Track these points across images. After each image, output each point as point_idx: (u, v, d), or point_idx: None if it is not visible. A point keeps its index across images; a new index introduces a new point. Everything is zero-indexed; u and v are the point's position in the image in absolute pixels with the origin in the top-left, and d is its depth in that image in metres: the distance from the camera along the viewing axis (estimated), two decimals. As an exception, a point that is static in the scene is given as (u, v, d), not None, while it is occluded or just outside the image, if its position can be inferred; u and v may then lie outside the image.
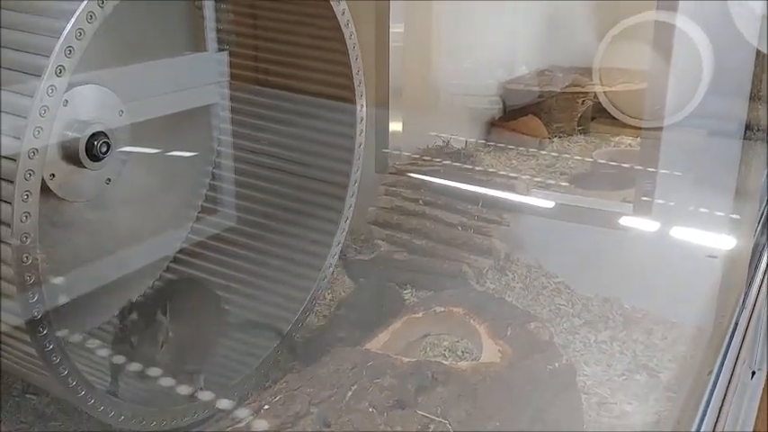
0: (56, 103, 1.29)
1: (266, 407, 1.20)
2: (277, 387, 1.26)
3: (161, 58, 1.92)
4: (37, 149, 1.26)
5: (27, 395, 1.86)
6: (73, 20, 1.30)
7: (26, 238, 1.28)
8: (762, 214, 2.10)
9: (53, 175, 1.61)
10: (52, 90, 1.28)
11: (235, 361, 1.90)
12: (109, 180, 1.76)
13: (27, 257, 1.29)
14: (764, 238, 2.00)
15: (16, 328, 1.34)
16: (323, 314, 2.18)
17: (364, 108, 2.02)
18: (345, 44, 1.91)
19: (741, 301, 1.71)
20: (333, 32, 1.91)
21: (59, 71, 1.29)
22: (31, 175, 1.27)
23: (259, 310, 1.99)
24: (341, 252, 2.09)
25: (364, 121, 2.03)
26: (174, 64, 1.96)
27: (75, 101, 1.61)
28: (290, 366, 1.93)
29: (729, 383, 1.47)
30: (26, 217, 1.28)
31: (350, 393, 1.21)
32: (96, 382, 1.51)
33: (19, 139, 1.25)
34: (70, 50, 1.30)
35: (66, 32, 1.29)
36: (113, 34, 1.73)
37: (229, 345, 1.92)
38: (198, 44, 2.05)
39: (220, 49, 2.07)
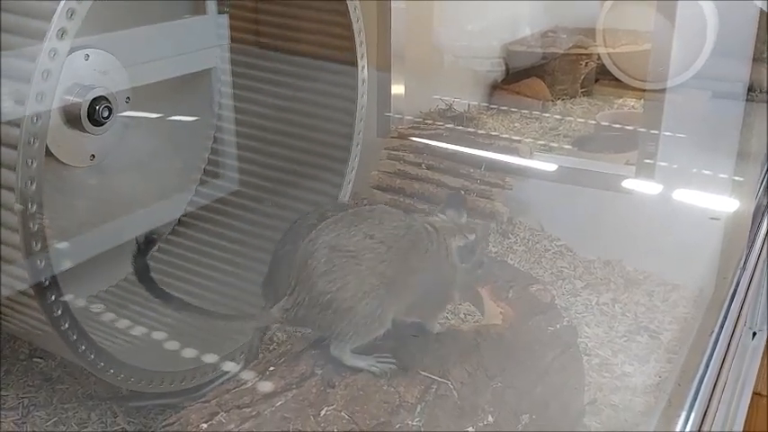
0: (58, 67, 1.28)
1: (271, 368, 1.21)
2: (282, 349, 1.27)
3: (161, 22, 1.91)
4: (40, 115, 1.26)
5: (34, 359, 1.88)
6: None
7: (31, 204, 1.28)
8: (764, 176, 2.09)
9: (55, 139, 1.61)
10: (54, 53, 1.27)
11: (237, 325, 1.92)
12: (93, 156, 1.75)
13: (33, 224, 1.29)
14: (766, 200, 2.00)
15: (24, 294, 1.35)
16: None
17: (366, 69, 2.01)
18: (346, 5, 1.90)
19: (742, 262, 1.72)
20: (334, -7, 1.90)
21: (61, 34, 1.28)
22: (34, 140, 1.27)
23: (263, 273, 2.00)
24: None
25: (366, 83, 2.02)
26: (174, 27, 1.95)
27: (75, 65, 1.61)
28: (293, 330, 1.94)
29: (730, 344, 1.49)
30: (30, 182, 1.28)
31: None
32: (102, 343, 1.53)
33: (21, 104, 1.25)
34: (71, 13, 1.29)
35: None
36: (113, -3, 1.72)
37: (234, 308, 1.94)
38: (198, 7, 2.03)
39: (220, 12, 2.06)
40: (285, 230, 1.64)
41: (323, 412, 1.12)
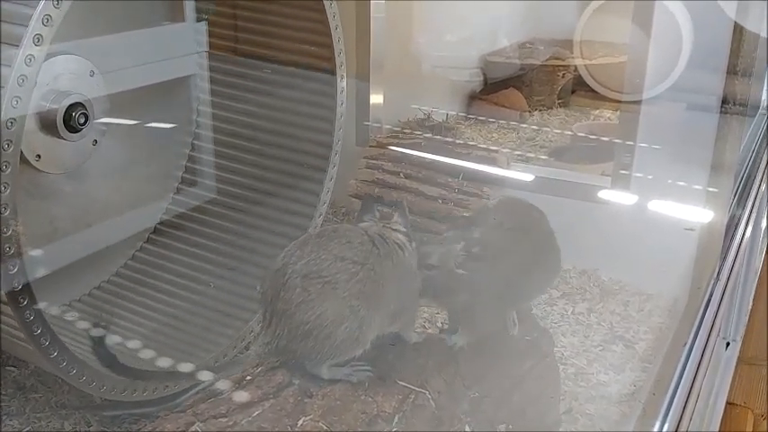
0: (34, 73, 1.27)
1: (248, 378, 1.21)
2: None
3: (139, 29, 1.90)
4: (15, 119, 1.25)
5: (7, 367, 1.85)
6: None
7: (5, 208, 1.27)
8: (737, 187, 2.12)
9: (31, 146, 1.59)
10: (30, 59, 1.26)
11: (215, 333, 1.91)
12: (95, 141, 1.74)
13: (6, 229, 1.28)
14: (740, 210, 2.02)
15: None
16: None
17: (345, 78, 2.01)
18: (325, 14, 1.90)
19: (716, 273, 1.73)
20: (313, 2, 1.90)
21: (37, 40, 1.27)
22: (9, 145, 1.26)
23: (239, 282, 2.00)
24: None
25: (345, 92, 2.02)
26: (152, 34, 1.94)
27: (52, 71, 1.59)
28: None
29: (704, 354, 1.50)
30: (5, 187, 1.27)
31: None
32: (77, 352, 1.51)
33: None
34: (48, 19, 1.28)
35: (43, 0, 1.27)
36: (91, 4, 1.71)
37: (209, 318, 1.93)
38: (176, 14, 2.03)
39: (199, 20, 2.05)
40: None
41: (300, 422, 1.11)
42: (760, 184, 2.19)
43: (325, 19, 1.91)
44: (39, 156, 1.62)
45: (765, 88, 2.81)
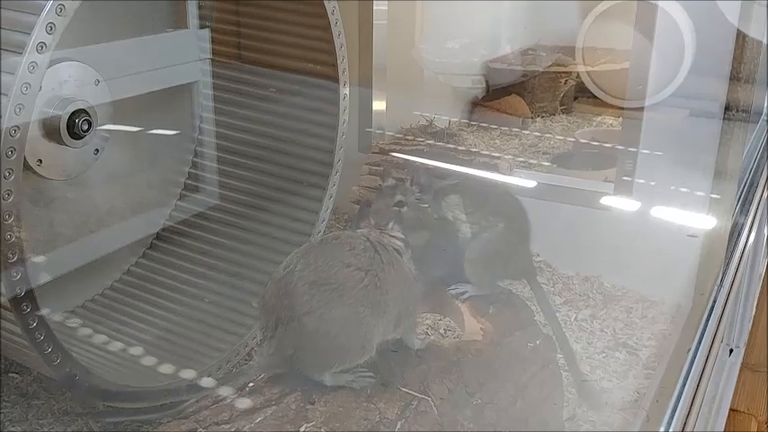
0: (37, 80, 1.28)
1: (251, 384, 1.20)
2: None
3: (142, 35, 1.90)
4: (18, 127, 1.25)
5: (10, 374, 1.86)
6: (53, -4, 1.29)
7: (9, 215, 1.27)
8: (740, 194, 2.12)
9: (33, 152, 1.60)
10: (33, 67, 1.26)
11: (217, 339, 1.90)
12: (98, 149, 1.75)
13: (10, 236, 1.28)
14: (743, 217, 2.02)
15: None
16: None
17: (347, 86, 2.01)
18: (328, 21, 1.91)
19: (719, 279, 1.73)
20: (315, 9, 1.90)
21: (40, 48, 1.27)
22: (12, 152, 1.26)
23: (242, 288, 2.00)
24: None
25: (347, 99, 2.02)
26: (155, 41, 1.95)
27: (55, 78, 1.60)
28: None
29: (707, 361, 1.49)
30: (8, 194, 1.27)
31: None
32: (80, 359, 1.51)
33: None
34: (51, 27, 1.28)
35: (46, 8, 1.28)
36: (94, 11, 1.72)
37: (210, 324, 1.93)
38: (179, 21, 2.03)
39: (202, 26, 2.05)
40: None
41: (302, 429, 1.11)
42: (763, 191, 2.19)
43: (327, 26, 1.91)
44: (40, 161, 1.62)
45: (768, 94, 2.81)
